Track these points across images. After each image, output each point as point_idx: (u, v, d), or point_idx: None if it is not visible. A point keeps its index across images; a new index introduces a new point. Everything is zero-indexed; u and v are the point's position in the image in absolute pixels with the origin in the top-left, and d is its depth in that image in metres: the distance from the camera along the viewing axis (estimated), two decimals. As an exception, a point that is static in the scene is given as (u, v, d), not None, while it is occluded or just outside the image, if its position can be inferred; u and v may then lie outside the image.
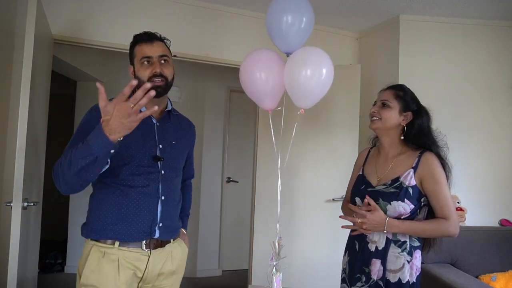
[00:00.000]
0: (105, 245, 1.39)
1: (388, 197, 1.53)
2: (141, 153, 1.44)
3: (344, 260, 1.74)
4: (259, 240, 2.95)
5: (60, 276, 3.92)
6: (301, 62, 1.64)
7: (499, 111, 2.94)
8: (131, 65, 1.50)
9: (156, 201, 1.46)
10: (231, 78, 4.09)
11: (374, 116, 1.63)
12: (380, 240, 1.55)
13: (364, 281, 1.57)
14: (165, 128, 1.54)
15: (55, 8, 2.41)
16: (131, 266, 1.40)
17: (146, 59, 1.44)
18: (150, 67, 1.44)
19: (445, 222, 1.50)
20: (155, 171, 1.46)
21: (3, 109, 2.21)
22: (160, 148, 1.49)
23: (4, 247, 1.89)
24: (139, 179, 1.42)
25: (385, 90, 1.68)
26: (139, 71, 1.45)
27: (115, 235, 1.39)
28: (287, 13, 1.68)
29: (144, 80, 1.42)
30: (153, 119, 1.51)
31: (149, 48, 1.45)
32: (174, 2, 2.76)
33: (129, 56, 1.53)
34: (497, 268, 2.45)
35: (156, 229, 1.45)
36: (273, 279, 1.50)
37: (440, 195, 1.51)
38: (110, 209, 1.41)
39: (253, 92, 1.76)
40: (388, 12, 2.88)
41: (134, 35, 1.52)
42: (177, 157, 1.57)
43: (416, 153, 1.58)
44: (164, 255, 1.49)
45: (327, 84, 1.68)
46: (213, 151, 4.14)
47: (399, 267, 1.51)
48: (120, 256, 1.39)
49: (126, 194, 1.41)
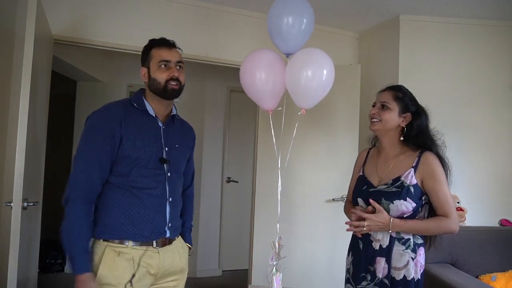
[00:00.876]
0: (120, 245, 1.43)
1: (390, 197, 1.55)
2: (148, 155, 1.48)
3: (347, 261, 1.74)
4: (259, 240, 2.94)
5: (60, 276, 3.92)
6: (302, 63, 1.65)
7: (499, 111, 2.94)
8: (144, 67, 1.54)
9: (165, 202, 1.52)
10: (231, 78, 4.09)
11: (374, 118, 1.64)
12: (384, 238, 1.56)
13: (370, 280, 1.58)
14: (170, 132, 1.58)
15: (55, 8, 2.41)
16: (144, 264, 1.45)
17: (164, 63, 1.50)
18: (168, 70, 1.50)
19: (446, 219, 1.53)
20: (162, 173, 1.51)
21: (3, 109, 2.21)
22: (166, 151, 1.53)
23: (4, 247, 1.89)
24: (148, 181, 1.47)
25: (384, 91, 1.68)
26: (155, 73, 1.50)
27: (128, 236, 1.44)
28: (288, 14, 1.68)
29: (161, 82, 1.49)
30: (160, 122, 1.56)
31: (167, 53, 1.52)
32: (174, 2, 2.76)
33: (142, 59, 1.57)
34: (497, 268, 2.45)
35: (166, 229, 1.52)
36: (273, 279, 1.51)
37: (440, 193, 1.54)
38: (122, 211, 1.44)
39: (253, 92, 1.77)
40: (388, 12, 2.88)
41: (151, 39, 1.57)
42: (180, 160, 1.63)
43: (416, 153, 1.61)
44: (171, 252, 1.55)
45: (328, 84, 1.69)
46: (213, 151, 4.14)
47: (404, 265, 1.53)
48: (134, 254, 1.44)
49: (136, 195, 1.45)
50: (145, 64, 1.54)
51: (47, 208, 2.61)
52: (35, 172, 2.17)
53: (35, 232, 2.35)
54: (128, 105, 1.53)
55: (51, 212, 3.47)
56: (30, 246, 2.17)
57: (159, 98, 1.53)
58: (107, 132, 1.42)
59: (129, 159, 1.44)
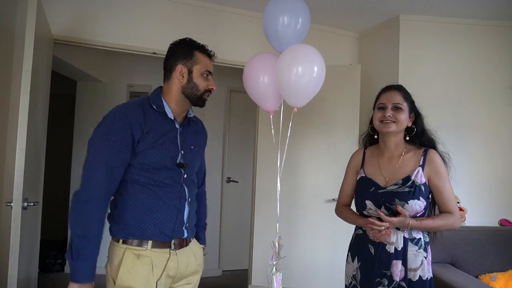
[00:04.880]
0: (139, 248, 1.41)
1: (404, 197, 1.54)
2: (166, 159, 1.45)
3: (352, 266, 1.69)
4: (259, 240, 2.95)
5: (60, 276, 3.92)
6: (291, 60, 1.63)
7: (499, 111, 2.94)
8: (184, 66, 1.49)
9: (184, 203, 1.50)
10: (231, 78, 4.09)
11: (390, 120, 1.61)
12: (398, 240, 1.55)
13: (387, 285, 1.55)
14: (185, 134, 1.56)
15: (55, 8, 2.41)
16: (163, 266, 1.44)
17: (208, 73, 1.52)
18: (208, 81, 1.53)
19: (452, 216, 1.57)
20: (179, 175, 1.49)
21: (3, 109, 2.22)
22: (182, 154, 1.51)
23: (4, 247, 1.89)
24: (167, 181, 1.45)
25: (390, 91, 1.66)
26: (199, 78, 1.50)
27: (148, 235, 1.42)
28: (283, 14, 1.68)
29: (201, 90, 1.51)
30: (177, 124, 1.53)
31: (210, 64, 1.55)
32: (174, 2, 2.76)
33: (177, 54, 1.50)
34: (497, 268, 2.45)
35: (184, 229, 1.51)
36: (273, 279, 1.51)
37: (444, 190, 1.57)
38: (142, 209, 1.42)
39: (255, 94, 1.77)
40: (388, 12, 2.88)
41: (194, 41, 1.55)
42: (195, 161, 1.63)
43: (420, 151, 1.62)
44: (187, 254, 1.54)
45: (319, 81, 1.65)
46: (213, 151, 4.14)
47: (419, 265, 1.54)
48: (154, 257, 1.42)
49: (156, 195, 1.43)
50: (187, 64, 1.49)
51: (47, 208, 2.62)
52: (35, 172, 2.17)
53: (35, 232, 2.35)
54: (147, 106, 1.47)
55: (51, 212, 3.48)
56: (30, 246, 2.17)
57: (186, 102, 1.52)
58: (125, 135, 1.37)
59: (147, 163, 1.41)
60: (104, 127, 1.38)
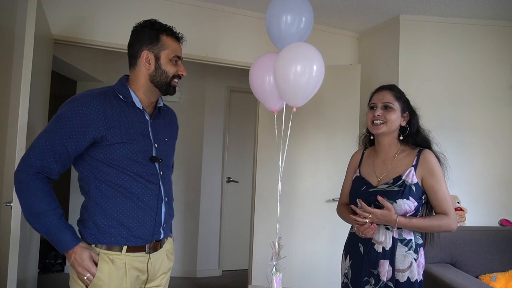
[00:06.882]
0: (113, 253, 1.34)
1: (393, 196, 1.54)
2: (137, 154, 1.36)
3: (344, 265, 1.71)
4: (259, 240, 2.95)
5: (60, 276, 3.92)
6: (290, 58, 1.61)
7: (499, 111, 2.94)
8: (150, 52, 1.38)
9: (160, 203, 1.42)
10: (231, 78, 4.09)
11: (378, 120, 1.61)
12: (386, 240, 1.55)
13: (374, 284, 1.55)
14: (157, 125, 1.47)
15: (55, 8, 2.41)
16: (136, 270, 1.39)
17: (177, 58, 1.42)
18: (177, 66, 1.43)
19: (447, 217, 1.54)
20: (154, 173, 1.40)
21: (3, 109, 2.21)
22: (156, 147, 1.42)
23: (4, 247, 1.89)
24: (140, 180, 1.36)
25: (381, 91, 1.66)
26: (167, 65, 1.39)
27: (121, 241, 1.34)
28: (286, 12, 1.67)
29: (169, 75, 1.40)
30: (147, 115, 1.42)
31: (179, 48, 1.44)
32: (174, 2, 2.76)
33: (142, 40, 1.38)
34: (497, 268, 2.45)
35: (161, 230, 1.44)
36: (273, 279, 1.50)
37: (439, 191, 1.55)
38: (114, 213, 1.33)
39: (261, 94, 1.77)
40: (388, 12, 2.88)
41: (160, 22, 1.42)
42: (170, 154, 1.53)
43: (415, 152, 1.61)
44: (161, 255, 1.48)
45: (318, 80, 1.64)
46: (213, 151, 4.14)
47: (408, 266, 1.53)
48: (127, 261, 1.36)
49: (129, 197, 1.34)
50: (153, 50, 1.38)
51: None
52: (35, 172, 2.17)
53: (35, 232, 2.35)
54: (111, 96, 1.36)
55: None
56: (30, 246, 2.17)
57: (155, 91, 1.42)
58: (78, 127, 1.27)
59: (115, 158, 1.32)
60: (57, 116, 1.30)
